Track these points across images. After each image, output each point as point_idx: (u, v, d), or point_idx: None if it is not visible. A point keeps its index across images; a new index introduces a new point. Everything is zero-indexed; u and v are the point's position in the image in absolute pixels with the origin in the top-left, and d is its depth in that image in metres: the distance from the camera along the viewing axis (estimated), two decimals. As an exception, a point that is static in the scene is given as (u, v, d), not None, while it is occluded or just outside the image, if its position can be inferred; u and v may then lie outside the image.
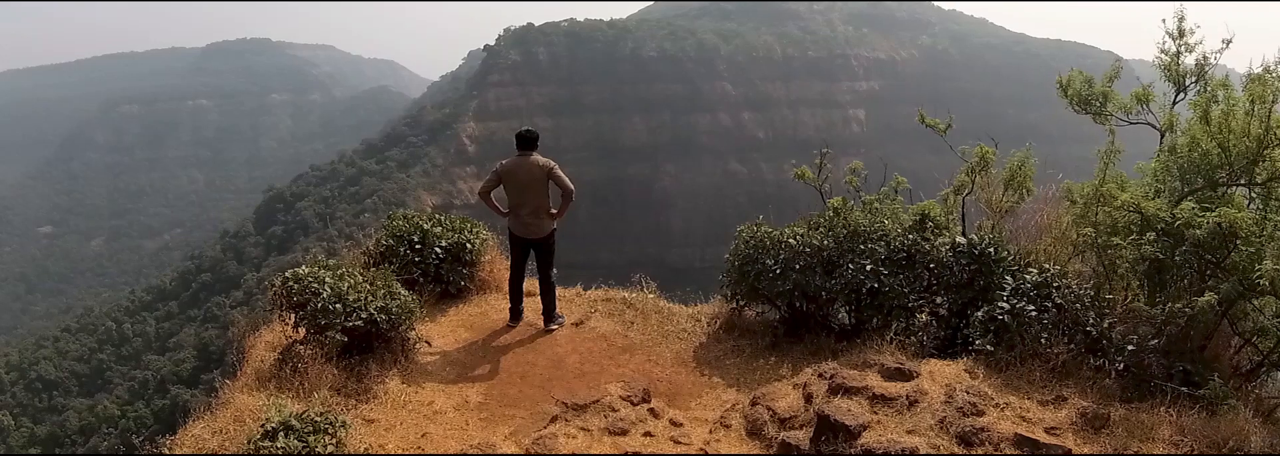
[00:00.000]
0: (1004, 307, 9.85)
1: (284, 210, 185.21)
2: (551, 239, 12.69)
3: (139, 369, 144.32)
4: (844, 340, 11.32)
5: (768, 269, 11.44)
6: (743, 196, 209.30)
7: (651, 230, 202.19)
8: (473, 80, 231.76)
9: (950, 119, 14.18)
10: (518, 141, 12.40)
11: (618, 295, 13.90)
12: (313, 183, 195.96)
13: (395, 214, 14.37)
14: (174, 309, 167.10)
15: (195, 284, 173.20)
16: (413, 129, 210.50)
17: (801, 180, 14.42)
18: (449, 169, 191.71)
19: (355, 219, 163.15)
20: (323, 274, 10.94)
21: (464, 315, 13.29)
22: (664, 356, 11.78)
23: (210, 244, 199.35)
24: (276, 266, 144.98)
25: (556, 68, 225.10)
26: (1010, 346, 9.69)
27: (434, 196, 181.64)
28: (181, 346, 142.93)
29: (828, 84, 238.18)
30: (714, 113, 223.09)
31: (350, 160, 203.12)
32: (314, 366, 10.21)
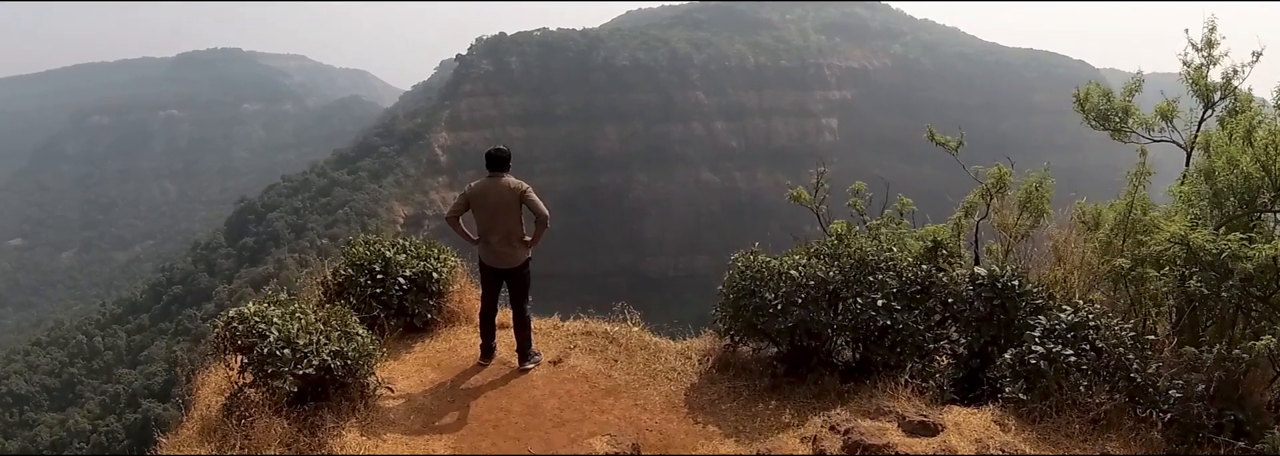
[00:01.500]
0: (1039, 351, 8.74)
1: (255, 221, 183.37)
2: (525, 269, 11.50)
3: (110, 382, 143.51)
4: (850, 379, 10.20)
5: (767, 303, 10.26)
6: (716, 205, 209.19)
7: (625, 240, 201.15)
8: (445, 90, 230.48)
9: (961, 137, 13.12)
10: (487, 161, 11.27)
11: (599, 328, 12.57)
12: (284, 193, 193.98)
13: (355, 240, 13.21)
14: (145, 322, 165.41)
15: (166, 296, 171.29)
16: (385, 139, 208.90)
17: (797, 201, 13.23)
18: (421, 179, 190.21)
19: (326, 230, 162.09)
20: (271, 313, 9.79)
21: (431, 352, 12.11)
22: (653, 400, 10.50)
23: (181, 256, 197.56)
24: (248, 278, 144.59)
25: (529, 77, 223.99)
26: (1044, 394, 8.60)
27: (406, 207, 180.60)
28: (153, 359, 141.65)
29: (801, 93, 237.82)
30: (687, 122, 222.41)
31: (322, 170, 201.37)
32: (262, 418, 9.10)
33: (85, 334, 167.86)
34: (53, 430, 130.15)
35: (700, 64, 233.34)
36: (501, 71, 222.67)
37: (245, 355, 9.61)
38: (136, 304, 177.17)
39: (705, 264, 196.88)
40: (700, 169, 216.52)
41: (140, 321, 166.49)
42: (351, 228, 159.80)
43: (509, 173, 11.28)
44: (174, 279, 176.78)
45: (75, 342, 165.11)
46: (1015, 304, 9.67)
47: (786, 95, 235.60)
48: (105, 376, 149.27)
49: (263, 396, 9.38)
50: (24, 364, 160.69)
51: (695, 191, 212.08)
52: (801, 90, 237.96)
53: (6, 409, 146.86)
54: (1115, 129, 12.01)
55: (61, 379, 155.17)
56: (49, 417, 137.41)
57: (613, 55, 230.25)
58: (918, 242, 11.45)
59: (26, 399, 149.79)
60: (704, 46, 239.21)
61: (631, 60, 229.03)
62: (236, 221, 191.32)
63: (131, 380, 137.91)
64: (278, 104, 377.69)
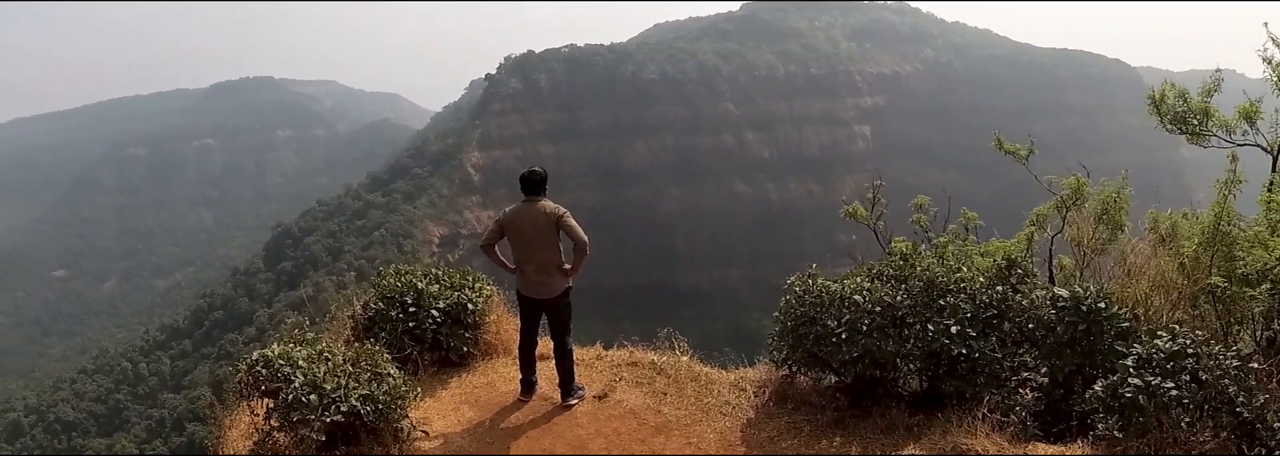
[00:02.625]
0: (1136, 383, 7.88)
1: (293, 246, 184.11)
2: (565, 298, 10.78)
3: (155, 407, 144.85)
4: (918, 411, 9.39)
5: (830, 332, 9.40)
6: (747, 217, 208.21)
7: (656, 254, 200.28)
8: (475, 109, 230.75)
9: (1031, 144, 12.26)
10: (522, 184, 10.58)
11: (646, 358, 11.77)
12: (320, 217, 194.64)
13: (385, 271, 12.55)
14: (188, 347, 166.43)
15: (208, 321, 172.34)
16: (417, 160, 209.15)
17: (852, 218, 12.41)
18: (455, 199, 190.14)
19: (363, 252, 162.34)
20: (297, 354, 9.14)
21: (468, 388, 11.40)
22: (706, 438, 9.67)
23: (221, 281, 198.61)
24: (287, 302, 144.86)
25: (557, 94, 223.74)
26: (1141, 431, 7.68)
27: (441, 227, 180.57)
28: (196, 384, 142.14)
29: (831, 101, 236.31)
30: (717, 133, 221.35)
31: (356, 193, 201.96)
32: (288, 469, 8.45)
33: (129, 360, 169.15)
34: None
35: (729, 75, 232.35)
36: (530, 89, 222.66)
37: (271, 399, 8.99)
38: (179, 330, 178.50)
39: (737, 277, 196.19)
40: (731, 180, 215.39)
41: (183, 347, 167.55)
42: (387, 249, 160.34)
43: (546, 195, 10.60)
44: (215, 304, 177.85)
45: (120, 369, 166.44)
46: (1101, 328, 8.84)
47: (817, 103, 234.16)
48: (150, 401, 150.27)
49: (291, 441, 8.73)
50: (71, 391, 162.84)
51: (726, 203, 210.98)
52: (832, 98, 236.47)
53: (55, 436, 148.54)
54: (1193, 132, 11.14)
55: (108, 405, 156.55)
56: (97, 443, 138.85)
57: (640, 69, 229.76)
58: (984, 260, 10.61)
59: (74, 425, 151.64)
60: (732, 57, 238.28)
61: (659, 73, 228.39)
62: (274, 246, 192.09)
63: (176, 404, 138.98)
64: (309, 129, 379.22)
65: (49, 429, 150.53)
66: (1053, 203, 11.77)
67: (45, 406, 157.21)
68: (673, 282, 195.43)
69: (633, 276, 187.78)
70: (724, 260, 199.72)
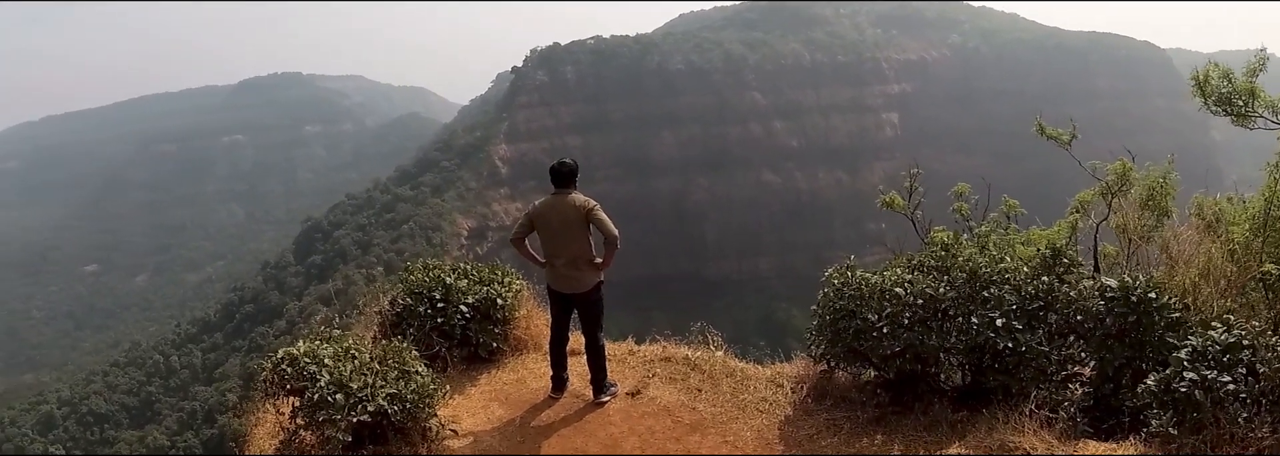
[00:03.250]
0: (1191, 377, 7.52)
1: (322, 239, 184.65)
2: (596, 293, 10.51)
3: (187, 400, 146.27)
4: (961, 407, 9.09)
5: (870, 326, 9.09)
6: (777, 206, 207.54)
7: (685, 244, 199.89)
8: (501, 102, 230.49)
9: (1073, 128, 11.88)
10: (552, 176, 10.33)
11: (679, 354, 11.49)
12: (349, 211, 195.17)
13: (412, 265, 12.34)
14: (219, 340, 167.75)
15: (238, 315, 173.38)
16: (445, 154, 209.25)
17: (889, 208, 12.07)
18: (483, 191, 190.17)
19: (392, 245, 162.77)
20: (323, 352, 8.93)
21: (498, 384, 11.19)
22: (743, 436, 9.41)
23: (251, 275, 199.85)
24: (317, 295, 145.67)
25: (583, 86, 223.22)
26: (1197, 428, 7.32)
27: (469, 219, 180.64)
28: (227, 376, 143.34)
29: (858, 88, 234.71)
30: (744, 123, 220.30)
31: (385, 187, 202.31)
32: (314, 469, 8.24)
33: (161, 353, 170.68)
34: (133, 446, 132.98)
35: (755, 64, 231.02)
36: (556, 81, 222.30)
37: (297, 398, 8.80)
38: (210, 323, 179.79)
39: (767, 266, 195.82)
40: (760, 170, 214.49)
41: (214, 340, 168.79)
42: (416, 242, 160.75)
43: (576, 188, 10.34)
44: (245, 298, 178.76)
45: (152, 362, 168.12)
46: (1151, 320, 8.50)
47: (844, 91, 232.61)
48: (182, 394, 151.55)
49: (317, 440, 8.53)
50: (103, 384, 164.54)
51: (755, 193, 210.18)
52: (859, 86, 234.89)
53: (88, 428, 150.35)
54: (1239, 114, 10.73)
55: (140, 397, 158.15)
56: (129, 435, 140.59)
57: (666, 60, 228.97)
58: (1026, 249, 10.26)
59: (107, 417, 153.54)
60: (758, 46, 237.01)
61: (685, 64, 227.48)
62: (304, 240, 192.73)
63: (207, 397, 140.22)
64: (337, 124, 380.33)
65: (81, 421, 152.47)
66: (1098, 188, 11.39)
67: (78, 399, 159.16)
68: (702, 273, 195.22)
69: (662, 267, 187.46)
70: (753, 250, 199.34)
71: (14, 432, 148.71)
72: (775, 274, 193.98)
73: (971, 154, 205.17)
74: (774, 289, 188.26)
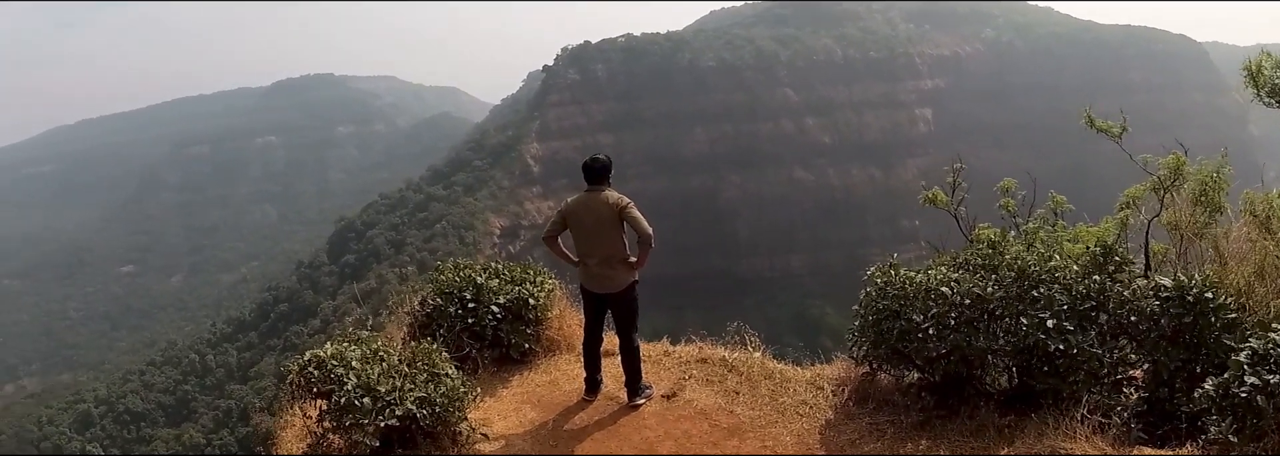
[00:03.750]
0: (1252, 382, 7.13)
1: (355, 239, 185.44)
2: (630, 293, 10.24)
3: (222, 398, 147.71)
4: (1009, 411, 8.75)
5: (915, 327, 8.74)
6: (809, 203, 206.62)
7: (717, 242, 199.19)
8: (533, 101, 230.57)
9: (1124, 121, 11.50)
10: (584, 173, 10.10)
11: (716, 355, 11.19)
12: (382, 211, 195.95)
13: (443, 265, 12.13)
14: (254, 339, 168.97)
15: (273, 314, 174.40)
16: (476, 153, 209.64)
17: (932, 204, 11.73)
18: (515, 190, 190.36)
19: (425, 244, 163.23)
20: (350, 355, 8.71)
21: (530, 386, 10.96)
22: (783, 441, 9.08)
23: (286, 275, 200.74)
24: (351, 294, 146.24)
25: (615, 84, 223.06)
26: (1257, 435, 6.96)
27: (502, 218, 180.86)
28: (263, 375, 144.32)
29: (891, 84, 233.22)
30: (776, 120, 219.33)
31: (417, 187, 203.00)
32: (341, 473, 8.03)
33: (197, 353, 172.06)
34: (169, 445, 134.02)
35: (787, 60, 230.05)
36: (588, 80, 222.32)
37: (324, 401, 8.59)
38: (245, 322, 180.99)
39: (800, 264, 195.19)
40: (792, 167, 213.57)
41: (249, 339, 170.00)
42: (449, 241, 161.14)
43: (609, 185, 10.07)
44: (280, 297, 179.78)
45: (188, 361, 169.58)
46: (1208, 321, 8.13)
47: (876, 87, 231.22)
48: (217, 392, 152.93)
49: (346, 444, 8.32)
50: (140, 383, 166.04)
51: (788, 190, 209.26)
52: (892, 81, 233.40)
53: (124, 426, 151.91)
54: (1294, 104, 10.34)
55: (176, 396, 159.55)
56: (165, 433, 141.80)
57: (697, 57, 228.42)
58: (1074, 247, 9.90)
59: (143, 416, 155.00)
60: (789, 42, 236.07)
61: (717, 61, 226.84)
62: (337, 240, 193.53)
63: (243, 395, 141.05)
64: (369, 125, 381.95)
65: (118, 419, 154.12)
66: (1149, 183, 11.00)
67: (115, 397, 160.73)
68: (735, 270, 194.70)
69: (694, 264, 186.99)
70: (786, 247, 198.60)
71: (52, 431, 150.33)
72: (808, 271, 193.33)
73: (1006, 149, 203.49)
74: (807, 286, 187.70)
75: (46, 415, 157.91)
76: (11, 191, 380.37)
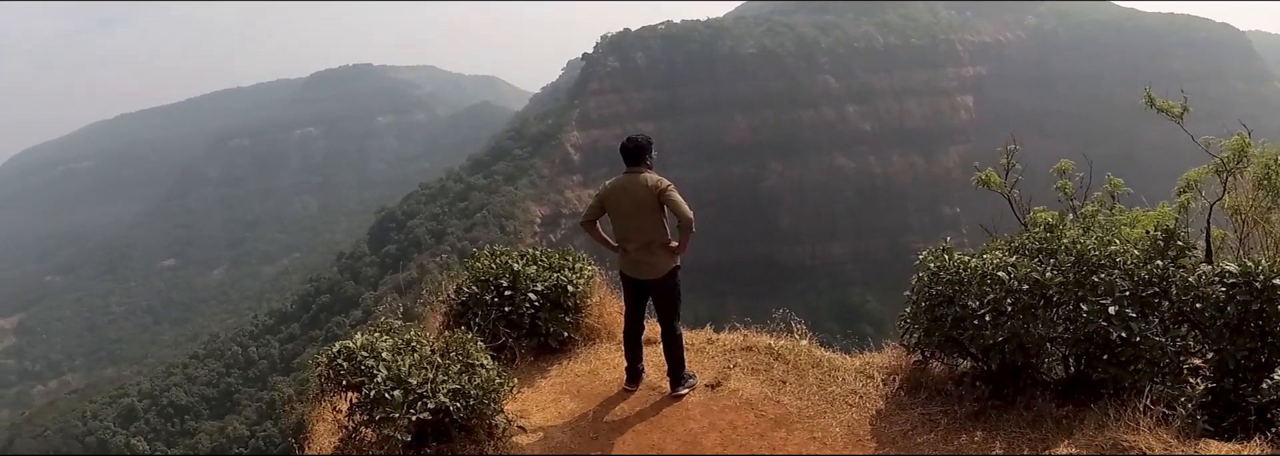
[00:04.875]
0: None
1: (396, 229, 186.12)
2: (672, 279, 9.82)
3: (266, 390, 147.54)
4: (1067, 401, 8.38)
5: (971, 313, 8.35)
6: (850, 191, 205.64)
7: (759, 229, 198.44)
8: (573, 89, 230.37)
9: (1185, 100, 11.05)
10: (622, 154, 9.77)
11: (761, 342, 10.81)
12: (422, 201, 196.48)
13: (479, 252, 11.84)
14: (296, 330, 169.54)
15: (315, 305, 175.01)
16: (517, 142, 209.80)
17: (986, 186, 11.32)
18: (555, 179, 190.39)
19: (466, 233, 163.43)
20: (381, 345, 8.44)
21: (569, 376, 10.66)
22: (832, 432, 8.74)
23: (327, 266, 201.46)
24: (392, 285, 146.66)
25: (655, 71, 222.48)
26: None
27: (542, 207, 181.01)
28: (305, 366, 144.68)
29: (932, 71, 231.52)
30: (817, 107, 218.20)
31: (458, 176, 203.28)
32: (373, 469, 7.75)
33: (239, 345, 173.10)
34: (213, 437, 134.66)
35: (827, 47, 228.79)
36: (628, 67, 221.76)
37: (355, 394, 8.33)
38: (287, 314, 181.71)
39: (841, 252, 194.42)
40: (833, 154, 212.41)
41: (291, 330, 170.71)
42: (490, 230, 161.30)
43: (648, 166, 9.73)
44: (321, 288, 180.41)
45: (231, 354, 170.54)
46: (1275, 309, 7.71)
47: (918, 74, 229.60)
48: (260, 384, 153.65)
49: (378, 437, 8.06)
50: (183, 376, 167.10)
51: (829, 178, 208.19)
52: (933, 68, 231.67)
53: (168, 420, 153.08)
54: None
55: (219, 388, 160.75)
56: (209, 426, 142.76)
57: (738, 44, 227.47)
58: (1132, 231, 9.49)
59: (187, 409, 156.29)
60: (830, 29, 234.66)
61: (758, 48, 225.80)
62: (378, 230, 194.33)
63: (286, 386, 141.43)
64: (409, 115, 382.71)
65: (162, 413, 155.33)
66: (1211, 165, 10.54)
67: (158, 391, 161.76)
68: (776, 258, 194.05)
69: (736, 252, 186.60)
70: (827, 235, 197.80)
71: (96, 426, 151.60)
72: (849, 259, 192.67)
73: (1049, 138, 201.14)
74: (848, 274, 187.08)
75: (91, 410, 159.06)
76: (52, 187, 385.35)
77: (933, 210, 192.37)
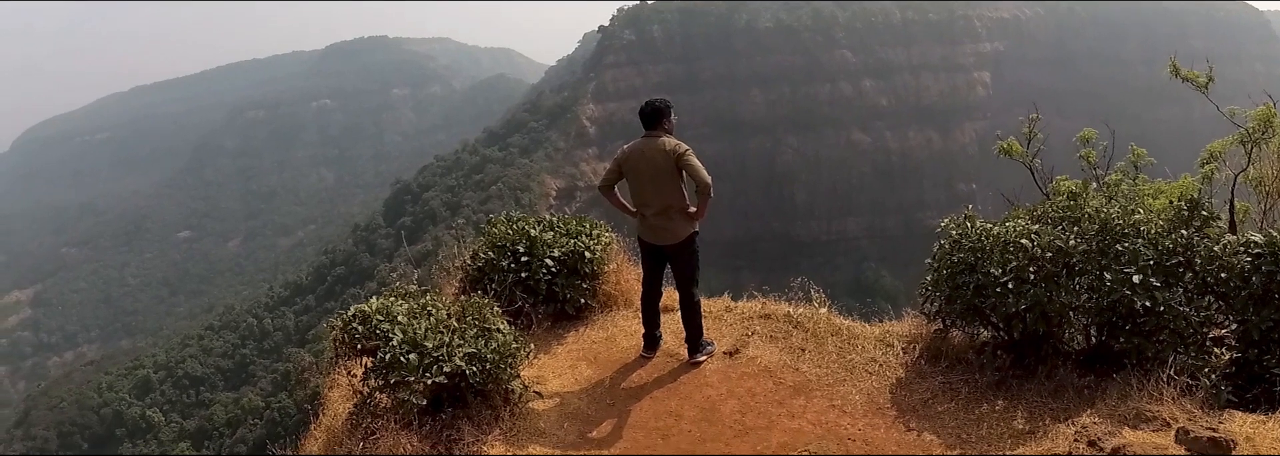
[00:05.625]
0: None
1: (412, 201, 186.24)
2: (690, 245, 9.71)
3: (280, 361, 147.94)
4: (1088, 372, 8.32)
5: (994, 281, 8.27)
6: (867, 166, 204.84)
7: (774, 204, 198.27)
8: (589, 62, 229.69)
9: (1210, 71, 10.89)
10: (640, 118, 9.67)
11: (780, 310, 10.73)
12: (438, 173, 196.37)
13: (496, 219, 11.77)
14: (311, 302, 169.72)
15: (330, 277, 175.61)
16: (533, 114, 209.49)
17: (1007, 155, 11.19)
18: (571, 152, 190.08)
19: (481, 206, 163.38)
20: (396, 309, 8.39)
21: (586, 343, 10.60)
22: (852, 399, 8.68)
23: (342, 238, 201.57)
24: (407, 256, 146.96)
25: (671, 45, 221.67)
26: None
27: (558, 180, 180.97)
28: (320, 338, 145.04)
29: (950, 47, 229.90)
30: (834, 82, 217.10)
31: (473, 149, 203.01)
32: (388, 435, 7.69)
33: (255, 316, 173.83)
34: (228, 408, 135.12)
35: (845, 22, 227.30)
36: (644, 41, 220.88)
37: (370, 358, 8.27)
38: (302, 286, 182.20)
39: (856, 227, 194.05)
40: (849, 129, 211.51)
41: (306, 302, 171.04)
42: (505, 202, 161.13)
43: (667, 130, 9.62)
44: (337, 260, 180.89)
45: (246, 325, 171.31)
46: (1296, 279, 7.62)
47: (935, 50, 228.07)
48: (275, 356, 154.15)
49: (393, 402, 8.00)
50: (198, 347, 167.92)
51: (845, 153, 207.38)
52: (950, 44, 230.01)
53: (184, 391, 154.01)
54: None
55: (234, 360, 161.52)
56: (224, 397, 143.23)
57: (754, 18, 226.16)
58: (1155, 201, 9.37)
59: (202, 380, 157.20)
60: (847, 4, 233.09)
61: (774, 22, 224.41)
62: (394, 202, 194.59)
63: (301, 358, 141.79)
64: (425, 87, 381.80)
65: (177, 384, 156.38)
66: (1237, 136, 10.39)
67: (174, 362, 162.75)
68: (791, 233, 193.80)
69: (752, 227, 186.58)
70: (842, 210, 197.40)
71: (112, 397, 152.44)
72: (864, 235, 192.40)
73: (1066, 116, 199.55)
74: (863, 250, 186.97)
75: (106, 381, 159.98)
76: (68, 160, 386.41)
77: (948, 187, 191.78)
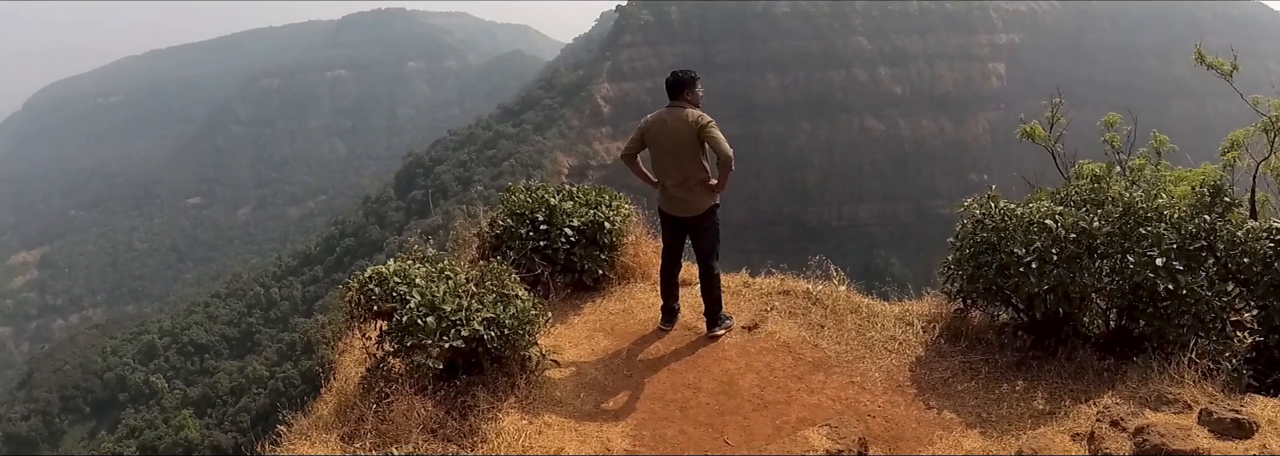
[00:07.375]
0: None
1: (423, 175, 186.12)
2: (710, 218, 9.66)
3: (286, 331, 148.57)
4: (1108, 354, 8.31)
5: (1016, 261, 8.24)
6: (879, 153, 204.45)
7: (787, 189, 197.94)
8: (605, 41, 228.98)
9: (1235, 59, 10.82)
10: (666, 87, 9.57)
11: (799, 287, 10.71)
12: (450, 147, 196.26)
13: (515, 187, 11.70)
14: (319, 273, 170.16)
15: (339, 248, 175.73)
16: (547, 92, 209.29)
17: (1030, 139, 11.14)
18: (584, 130, 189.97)
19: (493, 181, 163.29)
20: (414, 272, 8.35)
21: (603, 314, 10.58)
22: (871, 376, 8.69)
23: (353, 209, 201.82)
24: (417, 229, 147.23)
25: (688, 27, 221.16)
26: None
27: (570, 157, 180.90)
28: (327, 309, 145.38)
29: (966, 37, 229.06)
30: (849, 68, 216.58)
31: (487, 124, 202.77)
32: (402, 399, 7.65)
33: (262, 285, 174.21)
34: (232, 377, 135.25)
35: (862, 9, 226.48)
36: (661, 21, 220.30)
37: (385, 321, 8.23)
38: (310, 256, 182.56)
39: (867, 214, 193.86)
40: (863, 116, 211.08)
41: (314, 272, 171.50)
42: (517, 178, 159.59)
43: (691, 102, 9.52)
44: (346, 231, 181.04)
45: (253, 294, 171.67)
46: (1317, 265, 7.60)
47: (951, 39, 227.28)
48: (281, 325, 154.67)
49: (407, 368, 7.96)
50: (204, 315, 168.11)
51: (858, 139, 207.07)
52: (966, 34, 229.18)
53: (188, 358, 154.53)
54: None
55: (240, 328, 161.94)
56: (228, 365, 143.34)
57: (771, 2, 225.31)
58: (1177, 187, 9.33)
59: (207, 348, 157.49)
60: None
61: (791, 6, 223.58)
62: (405, 175, 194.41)
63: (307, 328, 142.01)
64: (440, 61, 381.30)
65: (182, 351, 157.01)
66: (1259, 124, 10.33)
67: (179, 329, 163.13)
68: (802, 217, 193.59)
69: (764, 211, 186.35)
70: (854, 196, 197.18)
71: (116, 362, 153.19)
72: (876, 221, 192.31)
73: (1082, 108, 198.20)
74: (874, 236, 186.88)
75: (111, 345, 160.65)
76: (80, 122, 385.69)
77: (960, 176, 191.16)
